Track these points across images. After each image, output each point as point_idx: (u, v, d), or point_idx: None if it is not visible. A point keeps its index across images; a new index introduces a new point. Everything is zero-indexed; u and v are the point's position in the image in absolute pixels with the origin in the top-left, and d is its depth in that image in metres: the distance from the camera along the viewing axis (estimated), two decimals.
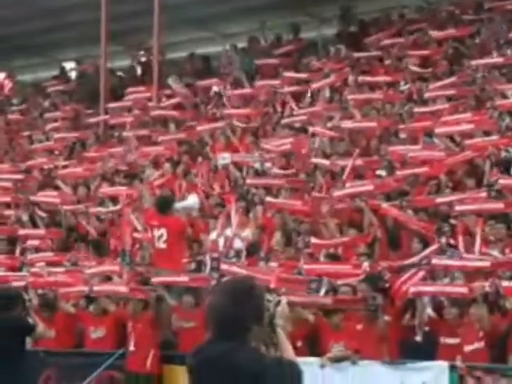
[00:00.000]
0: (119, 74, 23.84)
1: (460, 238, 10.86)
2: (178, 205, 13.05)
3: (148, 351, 11.07)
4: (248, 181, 14.57)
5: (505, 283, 9.68)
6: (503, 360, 9.65)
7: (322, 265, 11.40)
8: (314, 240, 12.05)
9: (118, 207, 14.70)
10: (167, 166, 16.02)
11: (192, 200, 13.58)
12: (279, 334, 4.43)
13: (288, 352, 4.42)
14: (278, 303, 4.49)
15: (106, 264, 12.67)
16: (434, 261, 10.39)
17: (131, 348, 11.23)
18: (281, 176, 14.54)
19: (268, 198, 13.60)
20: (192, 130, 17.60)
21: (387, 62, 18.29)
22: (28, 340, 9.16)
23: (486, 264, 10.18)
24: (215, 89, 19.48)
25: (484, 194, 11.95)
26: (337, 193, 12.87)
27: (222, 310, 4.32)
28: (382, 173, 13.72)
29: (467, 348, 9.72)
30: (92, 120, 20.40)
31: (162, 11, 19.81)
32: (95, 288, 11.72)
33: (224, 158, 15.26)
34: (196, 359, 4.41)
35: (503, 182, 12.06)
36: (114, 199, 15.19)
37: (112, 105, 20.32)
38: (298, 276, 11.04)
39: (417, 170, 13.30)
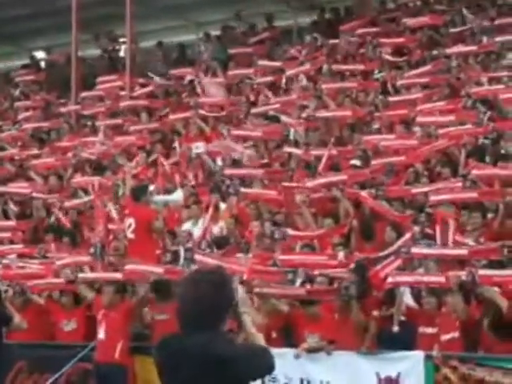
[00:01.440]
0: (90, 62, 23.60)
1: (436, 228, 10.85)
2: (162, 198, 12.97)
3: (117, 341, 10.94)
4: (225, 171, 14.49)
5: (481, 272, 9.68)
6: (478, 349, 9.66)
7: (297, 255, 11.35)
8: (290, 231, 11.99)
9: (90, 197, 14.55)
10: (142, 156, 15.92)
11: (176, 195, 13.50)
12: (245, 322, 4.41)
13: (256, 338, 4.39)
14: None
15: (77, 255, 12.52)
16: (414, 250, 10.39)
17: (101, 337, 11.07)
18: (257, 166, 14.47)
19: (242, 189, 13.53)
20: (165, 120, 17.48)
21: (362, 50, 18.23)
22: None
23: (464, 252, 10.17)
24: (189, 77, 19.35)
25: (459, 184, 11.95)
26: (311, 182, 12.83)
27: (196, 302, 4.25)
28: (357, 162, 13.67)
29: (444, 337, 9.71)
30: (63, 109, 20.18)
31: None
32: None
33: (197, 148, 15.16)
34: (167, 351, 4.33)
35: (478, 172, 12.04)
36: (87, 190, 15.04)
37: (84, 94, 20.13)
38: (274, 267, 10.99)
39: (392, 159, 13.27)
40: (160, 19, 22.68)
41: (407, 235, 10.97)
